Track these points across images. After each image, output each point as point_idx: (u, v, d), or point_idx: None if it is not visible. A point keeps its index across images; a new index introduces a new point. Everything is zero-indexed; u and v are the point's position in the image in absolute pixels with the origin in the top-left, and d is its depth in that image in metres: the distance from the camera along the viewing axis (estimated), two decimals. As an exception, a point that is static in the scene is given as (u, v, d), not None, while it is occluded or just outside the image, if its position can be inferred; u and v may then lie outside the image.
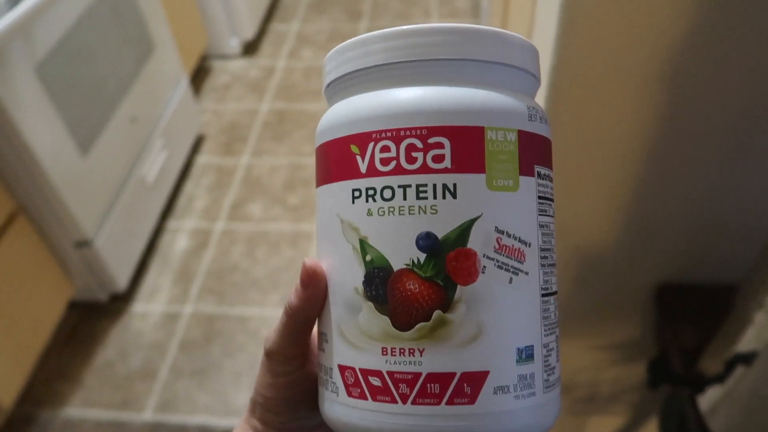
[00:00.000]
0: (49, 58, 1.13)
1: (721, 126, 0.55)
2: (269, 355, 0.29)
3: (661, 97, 0.53)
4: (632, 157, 0.59)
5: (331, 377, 0.26)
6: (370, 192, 0.24)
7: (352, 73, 0.26)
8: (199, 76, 2.10)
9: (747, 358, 0.53)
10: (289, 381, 0.29)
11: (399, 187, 0.24)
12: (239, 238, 1.58)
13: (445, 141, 0.24)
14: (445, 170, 0.24)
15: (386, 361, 0.24)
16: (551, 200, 0.27)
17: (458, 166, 0.24)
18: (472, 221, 0.24)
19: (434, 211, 0.24)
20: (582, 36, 0.50)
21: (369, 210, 0.24)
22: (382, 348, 0.24)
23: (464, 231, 0.24)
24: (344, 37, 2.27)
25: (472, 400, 0.24)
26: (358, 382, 0.25)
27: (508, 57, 0.26)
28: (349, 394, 0.25)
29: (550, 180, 0.27)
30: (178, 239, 1.59)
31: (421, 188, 0.24)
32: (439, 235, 0.24)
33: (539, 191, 0.26)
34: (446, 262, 0.24)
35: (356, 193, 0.25)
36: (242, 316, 1.41)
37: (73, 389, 1.29)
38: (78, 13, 1.22)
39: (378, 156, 0.24)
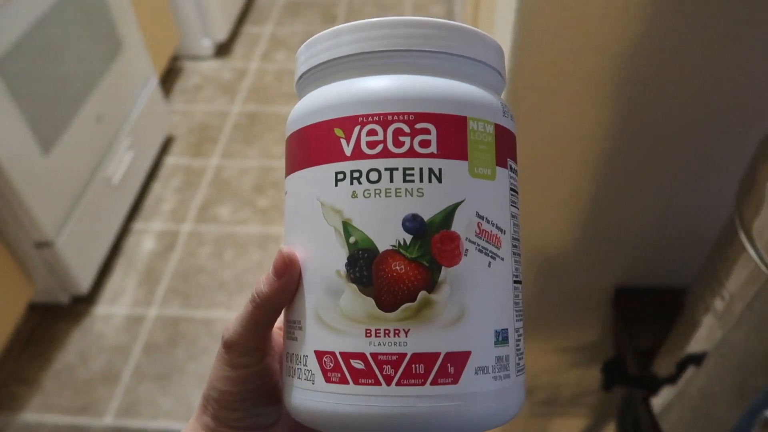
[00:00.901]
0: (10, 55, 1.11)
1: (673, 134, 0.57)
2: (229, 346, 0.28)
3: (615, 103, 0.54)
4: (589, 163, 0.60)
5: (305, 365, 0.26)
6: (356, 174, 0.25)
7: (338, 59, 0.26)
8: (170, 76, 2.08)
9: (697, 359, 0.54)
10: (248, 374, 0.28)
11: (386, 169, 0.24)
12: (207, 240, 1.56)
13: (432, 127, 0.25)
14: (431, 155, 0.24)
15: (370, 343, 0.24)
16: (518, 193, 0.28)
17: (443, 152, 0.25)
18: (456, 205, 0.24)
19: (420, 194, 0.24)
20: (537, 42, 0.50)
21: (354, 192, 0.25)
22: (366, 330, 0.24)
23: (449, 214, 0.24)
24: (318, 41, 2.27)
25: (456, 380, 0.24)
26: (338, 367, 0.24)
27: (487, 56, 0.27)
28: (328, 380, 0.25)
29: (517, 173, 0.28)
30: (144, 241, 1.56)
31: (407, 171, 0.24)
32: (426, 217, 0.24)
33: (510, 183, 0.27)
34: (432, 244, 0.24)
35: (340, 176, 0.25)
36: (207, 319, 1.39)
37: (31, 393, 1.26)
38: (42, 10, 1.19)
39: (364, 139, 0.25)
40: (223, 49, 2.22)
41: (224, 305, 1.42)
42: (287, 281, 0.26)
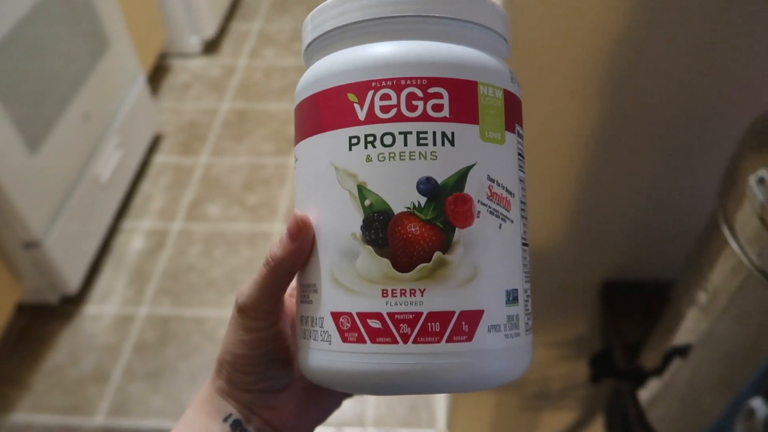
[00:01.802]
0: (-5, 52, 1.10)
1: (657, 129, 0.57)
2: (243, 310, 0.28)
3: (599, 100, 0.55)
4: (574, 159, 0.60)
5: (321, 326, 0.26)
6: (370, 138, 0.25)
7: (349, 25, 0.27)
8: (158, 74, 2.07)
9: (682, 351, 0.55)
10: (262, 337, 0.29)
11: (400, 133, 0.25)
12: (197, 239, 1.56)
13: (444, 91, 0.25)
14: (444, 119, 0.25)
15: (386, 303, 0.24)
16: (524, 158, 0.29)
17: (456, 116, 0.25)
18: (468, 168, 0.25)
19: (434, 157, 0.25)
20: (522, 38, 0.51)
21: (368, 156, 0.25)
22: (383, 290, 0.25)
23: (461, 177, 0.25)
24: (307, 38, 2.26)
25: (470, 337, 0.25)
26: (355, 327, 0.25)
27: (495, 23, 0.28)
28: (345, 340, 0.25)
29: (523, 139, 0.29)
30: (134, 239, 1.56)
31: (421, 135, 0.25)
32: (439, 180, 0.25)
33: (518, 148, 0.28)
34: (445, 206, 0.25)
35: (354, 140, 0.25)
36: (198, 317, 1.39)
37: (21, 394, 1.25)
38: (27, 8, 1.18)
39: (378, 104, 0.25)
40: (211, 46, 2.21)
41: (215, 303, 1.41)
42: (301, 244, 0.26)
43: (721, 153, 0.54)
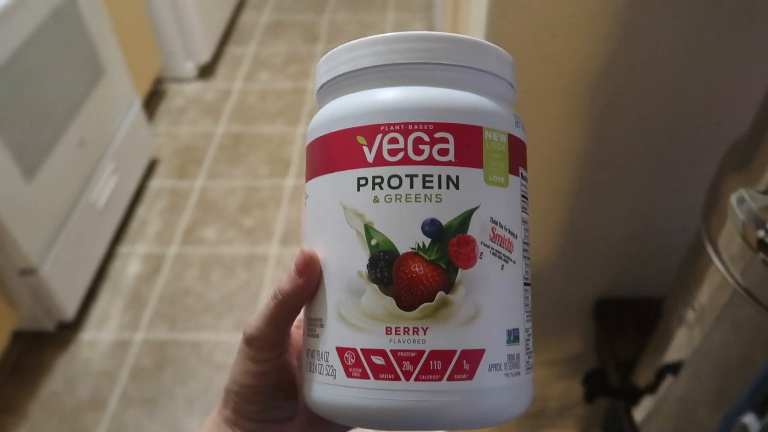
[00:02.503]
0: (-9, 82, 1.11)
1: (643, 151, 0.58)
2: (251, 341, 0.29)
3: (584, 121, 0.56)
4: (563, 180, 0.61)
5: (326, 360, 0.27)
6: (377, 180, 0.26)
7: (360, 70, 0.28)
8: (153, 99, 2.08)
9: (674, 368, 0.56)
10: (268, 368, 0.29)
11: (406, 176, 0.26)
12: (193, 262, 1.56)
13: (450, 136, 0.26)
14: (449, 163, 0.26)
15: (390, 340, 0.25)
16: (528, 200, 0.29)
17: (461, 160, 0.26)
18: (472, 211, 0.26)
19: (439, 200, 0.26)
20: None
21: (375, 197, 0.26)
22: (387, 327, 0.25)
23: (465, 219, 0.26)
24: (301, 60, 2.29)
25: (471, 375, 0.25)
26: (359, 363, 0.26)
27: (501, 70, 0.29)
28: (349, 375, 0.26)
29: (527, 181, 0.30)
30: (130, 264, 1.56)
31: (427, 178, 0.26)
32: (443, 222, 0.25)
33: (522, 190, 0.28)
34: (449, 247, 0.25)
35: (362, 181, 0.26)
36: (195, 342, 1.39)
37: (17, 423, 1.24)
38: (22, 37, 1.20)
39: (386, 147, 0.26)
40: (206, 71, 2.23)
41: (212, 327, 1.41)
42: (308, 279, 0.27)
43: (706, 171, 0.55)
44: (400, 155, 0.26)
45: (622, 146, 0.58)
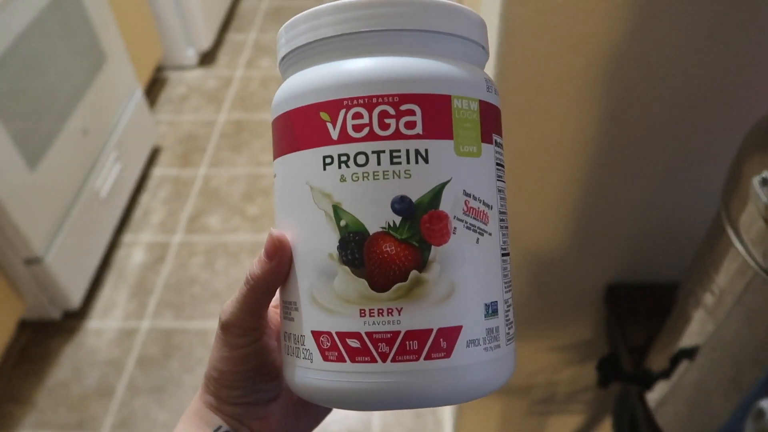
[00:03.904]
0: (-7, 70, 1.10)
1: (659, 131, 0.57)
2: (226, 327, 0.29)
3: (600, 103, 0.55)
4: (577, 163, 0.60)
5: (303, 344, 0.26)
6: (343, 158, 0.25)
7: (320, 41, 0.26)
8: (155, 87, 2.07)
9: (690, 353, 0.55)
10: (246, 353, 0.29)
11: (373, 152, 0.24)
12: (198, 251, 1.56)
13: (416, 108, 0.25)
14: (417, 136, 0.25)
15: (365, 323, 0.24)
16: (504, 167, 0.28)
17: (429, 133, 0.25)
18: (443, 185, 0.25)
19: (408, 176, 0.24)
20: (522, 46, 0.51)
21: (342, 176, 0.25)
22: (360, 310, 0.25)
23: (436, 194, 0.25)
24: (302, 47, 2.27)
25: (448, 353, 0.25)
26: (335, 346, 0.25)
27: (470, 31, 0.27)
28: (325, 359, 0.25)
29: (502, 148, 0.28)
30: (134, 253, 1.56)
31: (394, 153, 0.24)
32: (413, 199, 0.24)
33: (496, 158, 0.27)
34: (420, 224, 0.24)
35: (328, 160, 0.25)
36: (201, 330, 1.39)
37: (24, 411, 1.25)
38: (23, 25, 1.19)
39: (350, 123, 0.25)
40: (207, 58, 2.21)
41: (217, 315, 1.41)
42: (278, 263, 0.27)
43: (724, 153, 0.54)
44: (366, 131, 0.24)
45: (637, 130, 0.58)
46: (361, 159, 0.25)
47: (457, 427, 1.04)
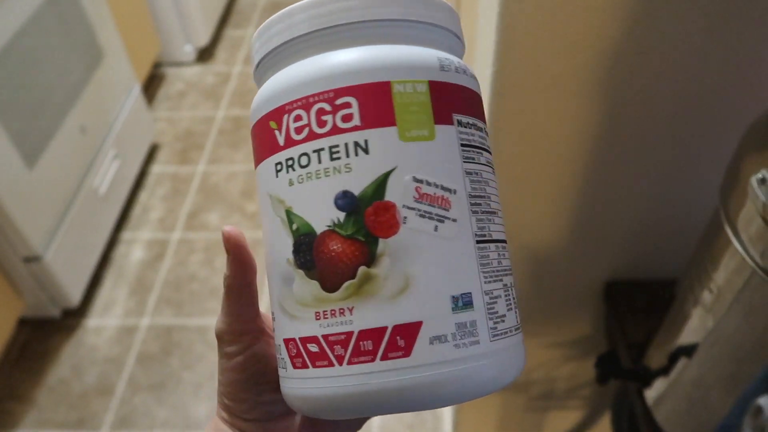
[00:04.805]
0: (-10, 68, 1.10)
1: (658, 129, 0.57)
2: (219, 337, 0.29)
3: (599, 101, 0.55)
4: (575, 160, 0.60)
5: (280, 354, 0.26)
6: (289, 162, 0.25)
7: (264, 58, 0.27)
8: (152, 84, 2.07)
9: (688, 350, 0.55)
10: (242, 361, 0.29)
11: (314, 152, 0.24)
12: (197, 248, 1.56)
13: (353, 100, 0.24)
14: (355, 128, 0.24)
15: (320, 326, 0.24)
16: (481, 149, 0.26)
17: (368, 122, 0.24)
18: (387, 174, 0.24)
19: (348, 170, 0.24)
20: (520, 43, 0.51)
21: (290, 180, 0.25)
22: (315, 313, 0.24)
23: (380, 184, 0.24)
24: (300, 43, 2.26)
25: (407, 352, 0.23)
26: (299, 352, 0.25)
27: (408, 12, 0.26)
28: (294, 366, 0.25)
29: (478, 129, 0.26)
30: (134, 250, 1.56)
31: (333, 149, 0.24)
32: (356, 192, 0.24)
33: (462, 139, 0.25)
34: (365, 218, 0.23)
35: (278, 167, 0.25)
36: (201, 327, 1.39)
37: (25, 409, 1.25)
38: (21, 21, 1.18)
39: (292, 126, 0.25)
40: (205, 54, 2.21)
41: (217, 312, 1.41)
42: (234, 255, 0.28)
43: (722, 151, 0.54)
44: (306, 132, 0.24)
45: (635, 127, 0.58)
46: (303, 160, 0.24)
47: (456, 422, 1.04)
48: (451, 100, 0.25)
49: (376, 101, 0.24)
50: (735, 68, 0.52)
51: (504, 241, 0.26)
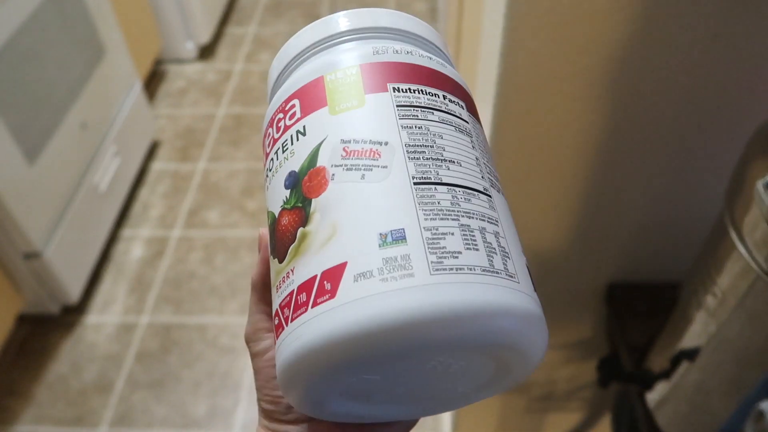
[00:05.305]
0: (-9, 64, 1.09)
1: (662, 133, 0.57)
2: (248, 340, 0.29)
3: (603, 104, 0.55)
4: (579, 162, 0.60)
5: None
6: (266, 172, 0.28)
7: (274, 82, 0.32)
8: (153, 80, 2.06)
9: (691, 354, 0.55)
10: (270, 359, 0.29)
11: (275, 153, 0.28)
12: (197, 245, 1.55)
13: (296, 101, 0.28)
14: (297, 120, 0.27)
15: (277, 297, 0.25)
16: (432, 109, 0.27)
17: (306, 112, 0.27)
18: (319, 145, 0.26)
19: (293, 154, 0.27)
20: (526, 45, 0.51)
21: (267, 184, 0.28)
22: (275, 287, 0.26)
23: (313, 155, 0.26)
24: (302, 41, 2.26)
25: (333, 294, 0.23)
26: (275, 330, 0.26)
27: (339, 25, 0.30)
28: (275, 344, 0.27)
29: (428, 94, 0.28)
30: (133, 248, 1.55)
31: (284, 144, 0.27)
32: (296, 169, 0.26)
33: (398, 101, 0.27)
34: (302, 186, 0.26)
35: (265, 177, 0.29)
36: (200, 325, 1.39)
37: (23, 405, 1.25)
38: (23, 17, 1.18)
39: (268, 140, 0.29)
40: (206, 52, 2.20)
41: (217, 310, 1.41)
42: (263, 255, 0.30)
43: (726, 154, 0.54)
44: (270, 140, 0.28)
45: (639, 131, 0.58)
46: (270, 164, 0.28)
47: (455, 423, 1.04)
48: (387, 73, 0.28)
49: (313, 94, 0.27)
50: (740, 72, 0.52)
51: (470, 189, 0.26)
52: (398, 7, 2.40)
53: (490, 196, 0.26)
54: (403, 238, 0.23)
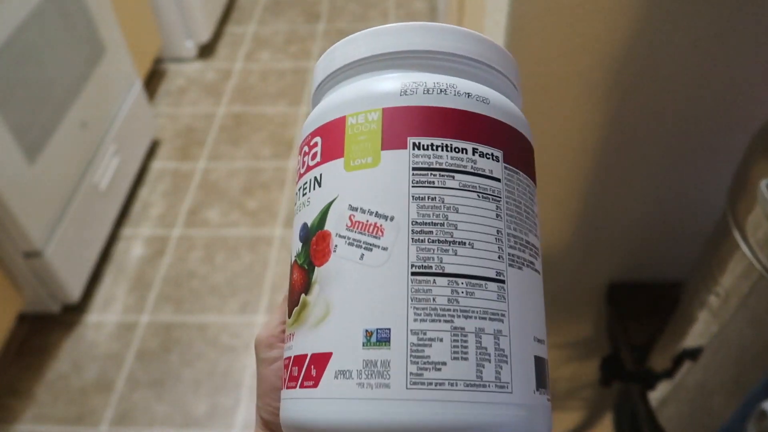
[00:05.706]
0: (-8, 62, 1.09)
1: (664, 132, 0.57)
2: (257, 344, 0.29)
3: (605, 103, 0.55)
4: (580, 162, 0.60)
5: None
6: (295, 195, 0.27)
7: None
8: (153, 79, 2.06)
9: (693, 354, 0.55)
10: (277, 370, 0.28)
11: (299, 189, 0.27)
12: (197, 245, 1.55)
13: (318, 139, 0.26)
14: (317, 164, 0.25)
15: (286, 350, 0.25)
16: (449, 171, 0.24)
17: (325, 157, 0.25)
18: (329, 204, 0.24)
19: (308, 203, 0.25)
20: (528, 45, 0.51)
21: (295, 210, 0.27)
22: (286, 332, 0.26)
23: (324, 215, 0.24)
24: (302, 40, 2.26)
25: (316, 383, 0.22)
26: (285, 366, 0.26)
27: (366, 50, 0.26)
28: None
29: (448, 150, 0.24)
30: (134, 247, 1.55)
31: (303, 188, 0.26)
32: (308, 223, 0.25)
33: (415, 162, 0.24)
34: (310, 247, 0.24)
35: (295, 201, 0.28)
36: (201, 324, 1.39)
37: (24, 405, 1.25)
38: (22, 16, 1.18)
39: (298, 163, 0.28)
40: (206, 50, 2.20)
41: (217, 309, 1.41)
42: None
43: (728, 154, 0.54)
44: (299, 167, 0.27)
45: (641, 130, 0.58)
46: (296, 196, 0.27)
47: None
48: (408, 123, 0.24)
49: (332, 137, 0.25)
50: (743, 72, 0.52)
51: (477, 278, 0.23)
52: (397, 7, 2.39)
53: (503, 281, 0.23)
54: (387, 340, 0.22)
